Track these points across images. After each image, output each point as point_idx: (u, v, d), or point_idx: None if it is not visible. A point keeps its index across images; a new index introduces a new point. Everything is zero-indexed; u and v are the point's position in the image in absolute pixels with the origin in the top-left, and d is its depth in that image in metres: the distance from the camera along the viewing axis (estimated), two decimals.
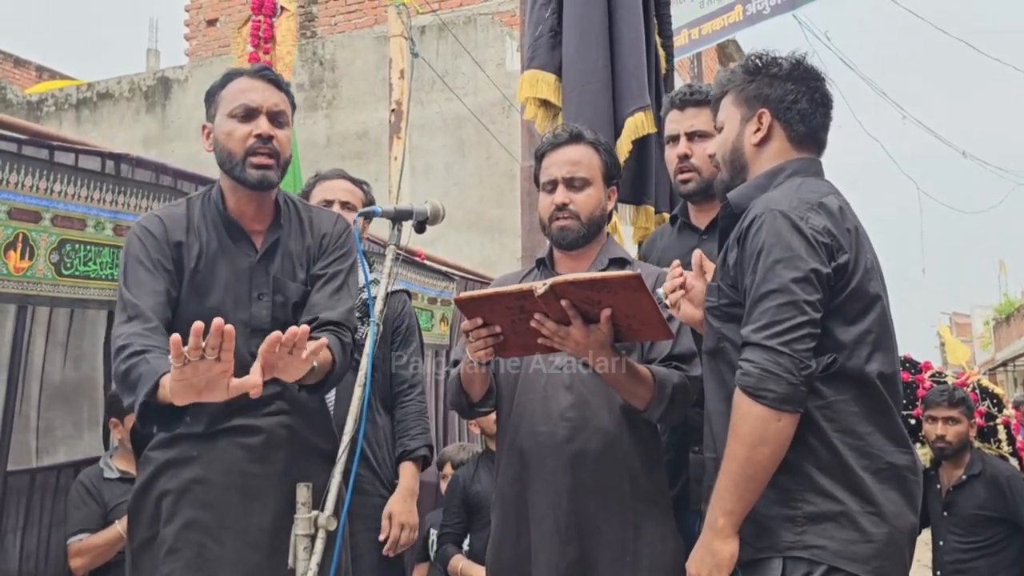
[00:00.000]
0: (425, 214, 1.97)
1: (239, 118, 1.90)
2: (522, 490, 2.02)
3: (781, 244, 1.59)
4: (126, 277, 1.86)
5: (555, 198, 2.10)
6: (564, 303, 1.72)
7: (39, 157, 2.41)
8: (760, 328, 1.58)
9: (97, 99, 9.69)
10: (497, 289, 1.78)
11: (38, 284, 2.43)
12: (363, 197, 2.73)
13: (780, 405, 1.54)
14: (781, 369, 1.54)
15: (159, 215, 1.96)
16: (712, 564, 1.60)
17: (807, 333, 1.56)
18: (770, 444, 1.55)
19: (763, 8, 4.14)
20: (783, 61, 1.81)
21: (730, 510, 1.59)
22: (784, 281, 1.57)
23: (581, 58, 2.79)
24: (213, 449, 1.88)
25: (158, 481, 1.90)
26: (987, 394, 3.93)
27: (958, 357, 14.54)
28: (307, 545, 1.61)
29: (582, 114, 2.76)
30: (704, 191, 2.31)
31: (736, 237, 1.70)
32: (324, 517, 1.62)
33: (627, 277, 1.67)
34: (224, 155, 1.91)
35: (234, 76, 1.95)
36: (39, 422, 2.59)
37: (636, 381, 1.91)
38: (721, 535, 1.60)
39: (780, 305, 1.56)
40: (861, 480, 1.60)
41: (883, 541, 1.59)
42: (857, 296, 1.64)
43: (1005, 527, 3.50)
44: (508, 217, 7.14)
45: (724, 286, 1.73)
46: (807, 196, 1.67)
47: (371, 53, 8.58)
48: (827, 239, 1.61)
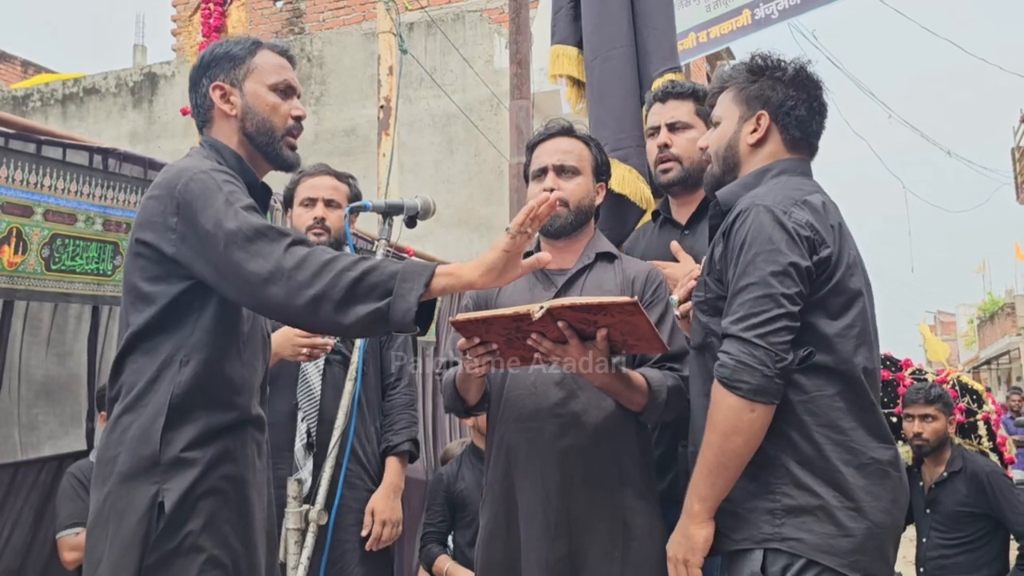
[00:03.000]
0: (416, 209, 1.97)
1: (281, 94, 1.82)
2: (511, 486, 2.03)
3: (762, 238, 1.63)
4: (241, 209, 1.63)
5: (544, 184, 2.12)
6: (561, 324, 1.75)
7: (26, 151, 2.40)
8: (737, 320, 1.61)
9: (83, 94, 9.62)
10: (493, 312, 1.80)
11: (26, 279, 2.42)
12: (348, 192, 2.70)
13: (754, 396, 1.58)
14: (756, 361, 1.57)
15: (223, 170, 1.74)
16: (687, 547, 1.67)
17: (784, 326, 1.59)
18: (743, 434, 1.59)
19: (771, 13, 4.16)
20: (788, 66, 1.83)
21: (704, 496, 1.65)
22: (763, 274, 1.60)
23: (605, 24, 2.66)
24: (244, 445, 1.75)
25: (203, 482, 1.66)
26: (967, 390, 3.97)
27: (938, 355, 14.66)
28: (298, 539, 1.62)
29: (606, 85, 2.64)
30: (684, 181, 2.31)
31: (722, 231, 1.73)
32: (315, 511, 1.63)
33: (624, 303, 1.69)
34: (262, 125, 1.80)
35: (262, 46, 1.85)
36: (23, 417, 2.58)
37: (631, 389, 1.94)
38: (696, 520, 1.66)
39: (757, 298, 1.60)
40: (841, 475, 1.62)
41: (862, 536, 1.61)
42: (839, 291, 1.66)
43: (986, 523, 3.54)
44: (497, 214, 7.15)
45: (711, 280, 1.76)
46: (791, 193, 1.70)
47: (359, 50, 8.56)
48: (809, 233, 1.64)
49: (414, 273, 1.56)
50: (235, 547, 1.67)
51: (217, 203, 1.62)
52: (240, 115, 1.81)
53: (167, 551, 1.61)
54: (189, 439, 1.66)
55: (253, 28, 10.76)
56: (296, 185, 2.68)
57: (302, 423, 2.53)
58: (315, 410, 2.53)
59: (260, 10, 10.84)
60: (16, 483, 2.54)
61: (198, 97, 1.84)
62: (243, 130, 1.81)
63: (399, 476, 2.62)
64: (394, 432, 2.65)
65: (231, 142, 1.82)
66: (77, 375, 2.76)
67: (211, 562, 1.62)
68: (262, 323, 1.81)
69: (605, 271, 2.13)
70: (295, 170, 1.93)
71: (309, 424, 2.52)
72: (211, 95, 1.81)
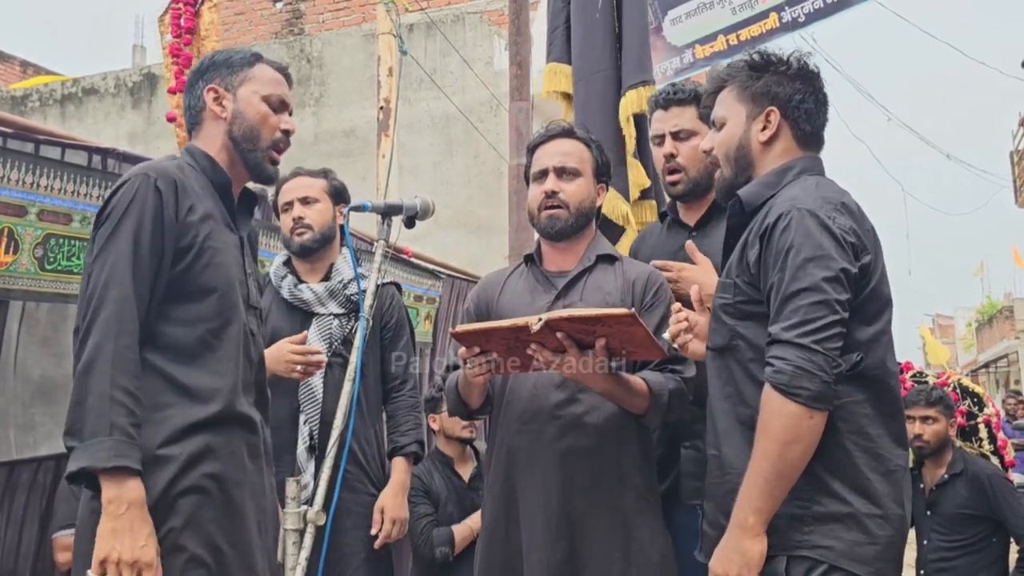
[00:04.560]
0: (415, 209, 1.97)
1: (274, 107, 1.85)
2: (512, 488, 2.03)
3: (811, 243, 1.60)
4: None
5: (545, 186, 2.11)
6: (559, 335, 1.76)
7: (24, 151, 2.39)
8: (792, 326, 1.57)
9: (82, 95, 9.61)
10: (493, 324, 1.82)
11: (19, 279, 2.41)
12: (326, 185, 2.66)
13: (813, 403, 1.54)
14: (815, 367, 1.54)
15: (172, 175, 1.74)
16: (742, 563, 1.58)
17: (837, 332, 1.57)
18: (803, 442, 1.55)
19: (798, 16, 4.18)
20: (792, 60, 1.81)
21: (759, 508, 1.57)
22: (816, 280, 1.57)
23: (589, 49, 2.80)
24: (230, 443, 1.72)
25: (181, 480, 1.65)
26: (967, 393, 3.96)
27: (939, 357, 14.72)
28: (296, 539, 1.61)
29: (589, 105, 2.76)
30: (692, 191, 2.31)
31: (759, 234, 1.69)
32: (313, 512, 1.62)
33: (622, 315, 1.69)
34: (248, 132, 1.82)
35: (261, 60, 1.89)
36: (19, 418, 2.57)
37: (632, 393, 1.93)
38: (751, 533, 1.58)
39: (812, 304, 1.57)
40: (869, 482, 1.61)
41: (886, 543, 1.60)
42: (875, 296, 1.66)
43: (987, 526, 3.53)
44: (496, 216, 7.14)
45: (741, 283, 1.72)
46: (829, 196, 1.68)
47: (359, 51, 8.56)
48: (853, 239, 1.63)
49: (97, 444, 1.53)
50: (222, 547, 1.65)
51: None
52: (229, 118, 1.82)
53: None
54: (164, 436, 1.65)
55: (252, 29, 10.77)
56: (276, 197, 2.70)
57: (304, 426, 2.52)
58: (317, 413, 2.52)
59: (260, 11, 10.84)
60: (12, 483, 2.53)
61: (192, 99, 1.86)
62: (229, 133, 1.82)
63: (407, 475, 2.63)
64: (400, 433, 2.66)
65: (214, 145, 1.83)
66: None
67: (194, 561, 1.62)
68: (243, 319, 1.78)
69: (605, 273, 2.12)
70: (272, 183, 1.94)
71: (311, 427, 2.52)
72: (204, 96, 1.83)
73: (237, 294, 1.77)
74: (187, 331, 1.71)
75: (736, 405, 1.67)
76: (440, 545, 3.05)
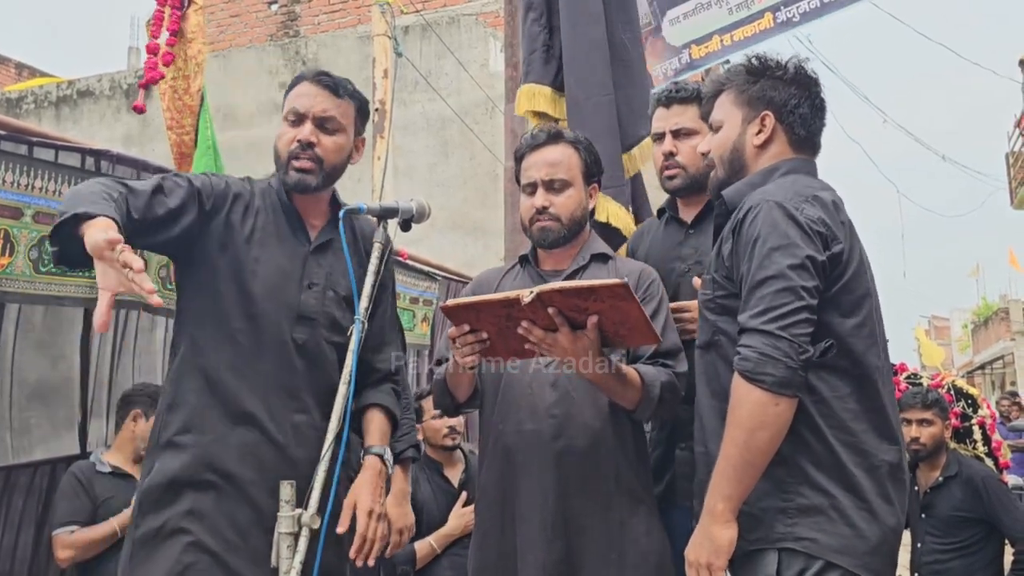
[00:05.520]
0: (411, 212, 1.96)
1: (290, 122, 1.96)
2: (507, 488, 2.03)
3: (777, 232, 1.61)
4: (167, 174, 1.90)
5: (535, 201, 2.10)
6: (551, 311, 1.72)
7: (18, 153, 2.39)
8: (758, 314, 1.58)
9: (77, 97, 9.59)
10: (483, 297, 1.78)
11: (15, 281, 2.40)
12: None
13: (779, 389, 1.55)
14: (780, 353, 1.54)
15: (237, 188, 1.98)
16: (711, 549, 1.59)
17: (804, 318, 1.57)
18: (768, 428, 1.55)
19: (793, 16, 4.18)
20: (788, 64, 1.83)
21: (728, 495, 1.58)
22: (781, 267, 1.58)
23: (590, 75, 2.73)
24: (243, 441, 1.82)
25: (190, 469, 1.78)
26: (962, 395, 3.97)
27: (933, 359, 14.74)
28: (290, 543, 1.61)
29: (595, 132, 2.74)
30: (690, 187, 2.32)
31: (731, 228, 1.71)
32: (308, 515, 1.61)
33: (614, 285, 1.67)
34: (275, 154, 1.98)
35: (298, 81, 2.01)
36: (15, 421, 2.57)
37: (624, 384, 1.92)
38: (720, 520, 1.59)
39: (777, 291, 1.57)
40: (854, 476, 1.62)
41: (877, 539, 1.60)
42: (850, 288, 1.66)
43: (982, 528, 3.53)
44: (491, 218, 7.14)
45: (719, 278, 1.74)
46: (801, 189, 1.69)
47: (354, 53, 8.56)
48: (821, 228, 1.63)
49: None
50: (231, 539, 1.74)
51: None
52: None
53: (152, 528, 1.75)
54: (180, 425, 1.81)
55: (248, 31, 10.76)
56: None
57: None
58: None
59: (255, 13, 10.84)
60: (9, 487, 2.53)
61: None
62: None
63: (406, 482, 2.59)
64: (395, 439, 2.64)
65: None
66: (70, 378, 2.75)
67: (197, 545, 1.72)
68: (280, 328, 1.89)
69: (599, 271, 2.12)
70: (304, 191, 1.98)
71: None
72: None
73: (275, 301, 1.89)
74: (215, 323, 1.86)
75: (722, 402, 1.67)
76: (401, 563, 3.02)
